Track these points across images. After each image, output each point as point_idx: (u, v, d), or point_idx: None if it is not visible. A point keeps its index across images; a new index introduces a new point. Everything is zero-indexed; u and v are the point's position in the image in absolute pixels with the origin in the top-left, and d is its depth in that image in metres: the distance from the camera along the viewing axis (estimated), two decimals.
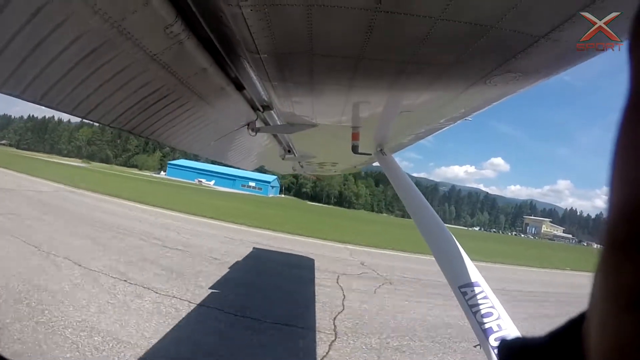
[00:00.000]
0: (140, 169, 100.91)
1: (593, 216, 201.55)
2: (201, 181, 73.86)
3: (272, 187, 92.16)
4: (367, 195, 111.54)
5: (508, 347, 0.33)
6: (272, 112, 2.67)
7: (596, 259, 0.21)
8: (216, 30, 1.53)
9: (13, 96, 1.34)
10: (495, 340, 2.02)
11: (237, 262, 10.06)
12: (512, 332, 2.09)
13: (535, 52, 1.25)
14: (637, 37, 0.21)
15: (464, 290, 2.26)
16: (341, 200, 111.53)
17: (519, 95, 1.74)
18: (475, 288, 2.26)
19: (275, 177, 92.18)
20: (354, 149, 2.97)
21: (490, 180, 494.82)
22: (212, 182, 75.40)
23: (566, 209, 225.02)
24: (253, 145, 4.31)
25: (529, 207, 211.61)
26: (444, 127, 2.77)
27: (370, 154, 3.49)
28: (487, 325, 2.09)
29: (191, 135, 2.62)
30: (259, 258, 11.25)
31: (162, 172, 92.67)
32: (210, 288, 7.53)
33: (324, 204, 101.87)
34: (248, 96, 2.36)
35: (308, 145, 4.45)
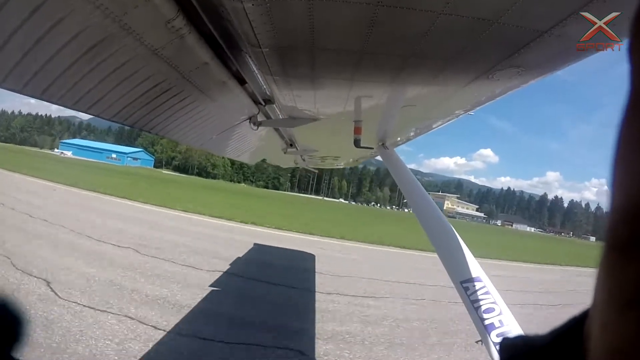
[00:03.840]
0: (41, 148, 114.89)
1: (537, 199, 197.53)
2: (63, 152, 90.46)
3: (135, 159, 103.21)
4: (227, 165, 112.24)
5: (510, 345, 0.33)
6: (274, 106, 2.66)
7: (597, 258, 0.21)
8: (217, 24, 1.51)
9: (14, 91, 1.34)
10: (497, 336, 2.02)
11: None
12: (513, 328, 2.09)
13: (538, 47, 1.23)
14: (637, 36, 0.21)
15: (466, 286, 2.26)
16: (200, 171, 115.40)
17: None
18: (477, 283, 2.26)
19: (140, 150, 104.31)
20: (356, 143, 2.96)
21: (480, 171, 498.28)
22: (70, 153, 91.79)
23: (502, 188, 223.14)
24: (255, 139, 4.30)
25: (455, 185, 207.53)
26: (446, 122, 2.75)
27: (373, 148, 3.48)
28: (488, 321, 2.09)
29: (193, 129, 2.62)
30: None
31: (56, 150, 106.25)
32: None
33: (190, 174, 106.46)
34: (250, 90, 2.35)
35: (310, 139, 4.44)
